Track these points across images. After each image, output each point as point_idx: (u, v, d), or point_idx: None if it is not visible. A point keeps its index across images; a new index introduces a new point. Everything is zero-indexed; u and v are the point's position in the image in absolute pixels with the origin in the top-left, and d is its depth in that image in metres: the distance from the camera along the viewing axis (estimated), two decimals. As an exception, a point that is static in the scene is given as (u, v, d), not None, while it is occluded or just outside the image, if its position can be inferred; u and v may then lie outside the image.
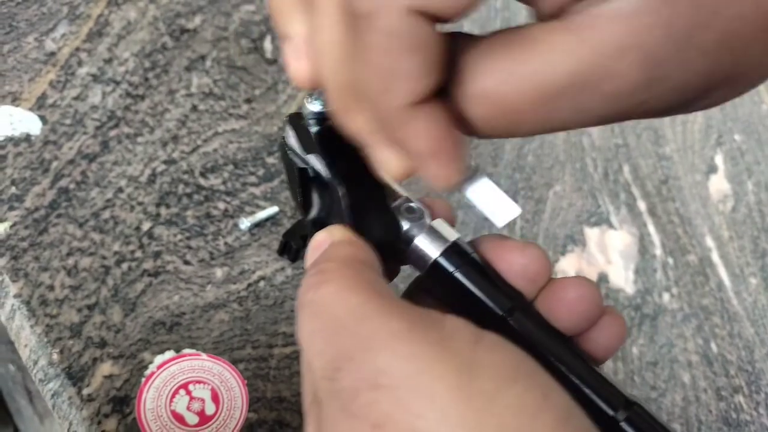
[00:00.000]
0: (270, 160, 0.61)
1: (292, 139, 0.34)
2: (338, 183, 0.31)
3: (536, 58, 0.25)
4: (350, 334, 0.25)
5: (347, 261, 0.29)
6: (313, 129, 0.33)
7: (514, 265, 0.31)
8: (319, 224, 0.33)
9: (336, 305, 0.26)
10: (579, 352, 0.31)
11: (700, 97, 0.26)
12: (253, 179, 0.59)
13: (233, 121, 0.62)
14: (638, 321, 0.71)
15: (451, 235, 0.32)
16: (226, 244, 0.55)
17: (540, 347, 0.30)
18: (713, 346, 0.73)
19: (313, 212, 0.34)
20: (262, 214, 0.57)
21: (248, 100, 0.63)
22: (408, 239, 0.32)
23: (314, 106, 0.33)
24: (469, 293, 0.31)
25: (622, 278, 0.73)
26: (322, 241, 0.31)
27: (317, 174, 0.34)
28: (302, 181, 0.34)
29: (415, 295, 0.35)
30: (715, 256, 0.81)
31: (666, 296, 0.74)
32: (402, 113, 0.26)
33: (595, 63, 0.24)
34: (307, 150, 0.33)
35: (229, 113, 0.62)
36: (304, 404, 0.28)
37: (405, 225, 0.32)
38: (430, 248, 0.32)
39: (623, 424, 0.29)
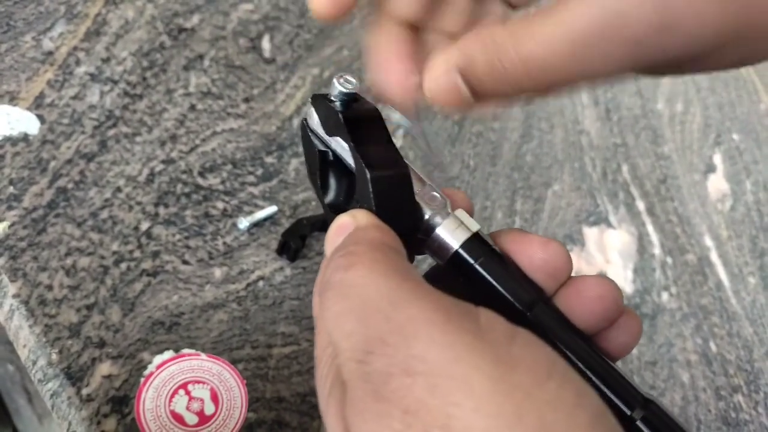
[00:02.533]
0: (269, 159, 0.61)
1: (315, 121, 0.33)
2: (366, 166, 0.31)
3: (566, 13, 0.28)
4: (384, 317, 0.25)
5: (376, 245, 0.28)
6: (340, 109, 0.32)
7: (534, 260, 0.31)
8: (336, 209, 0.33)
9: (368, 288, 0.26)
10: (597, 349, 0.31)
11: (715, 51, 0.28)
12: (251, 179, 0.59)
13: (231, 121, 0.61)
14: (637, 320, 0.71)
15: (473, 225, 0.32)
16: (224, 243, 0.55)
17: (559, 343, 0.30)
18: (712, 345, 0.73)
19: (330, 196, 0.34)
20: (260, 214, 0.57)
21: (246, 100, 0.63)
22: (429, 228, 0.32)
23: (343, 86, 0.32)
24: (490, 285, 0.31)
25: (621, 277, 0.73)
26: (345, 224, 0.30)
27: (337, 158, 0.33)
28: (322, 165, 0.33)
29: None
30: (714, 256, 0.81)
31: (665, 295, 0.74)
32: None
33: (615, 10, 0.27)
34: (332, 132, 0.33)
35: (228, 113, 0.62)
36: (320, 386, 0.28)
37: (427, 213, 0.32)
38: (451, 238, 0.31)
39: (639, 423, 0.29)
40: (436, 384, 0.23)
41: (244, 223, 0.56)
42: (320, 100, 0.33)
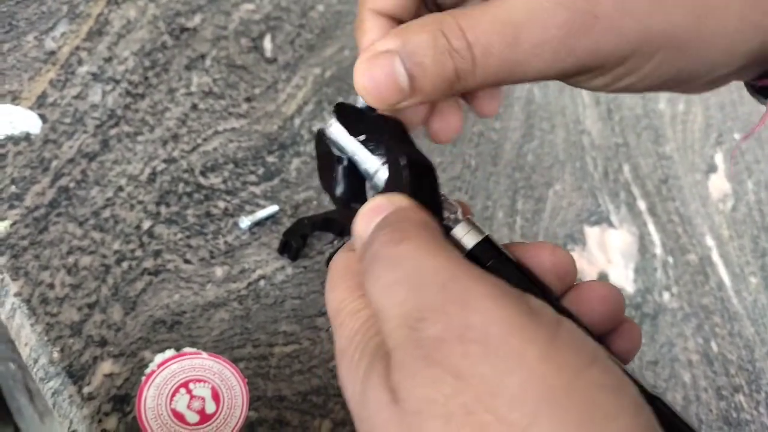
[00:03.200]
0: (270, 158, 0.61)
1: (333, 130, 0.35)
2: (399, 155, 0.32)
3: (501, 7, 0.30)
4: (439, 287, 0.26)
5: (422, 223, 0.29)
6: (364, 110, 0.34)
7: (544, 262, 0.33)
8: (349, 211, 0.34)
9: (421, 260, 0.27)
10: (607, 347, 0.32)
11: (618, 66, 0.31)
12: (253, 178, 0.59)
13: (233, 120, 0.62)
14: (638, 320, 0.71)
15: (484, 230, 0.33)
16: (226, 242, 0.55)
17: None
18: (713, 345, 0.73)
19: (343, 196, 0.35)
20: (262, 213, 0.57)
21: (248, 99, 0.63)
22: (445, 230, 0.33)
23: None
24: None
25: (622, 277, 0.73)
26: (381, 204, 0.31)
27: (351, 164, 0.34)
28: (336, 170, 0.35)
29: None
30: (715, 256, 0.81)
31: (666, 295, 0.74)
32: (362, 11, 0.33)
33: (529, 10, 0.30)
34: (357, 133, 0.34)
35: (229, 112, 0.62)
36: (354, 364, 0.28)
37: (444, 214, 0.33)
38: (464, 240, 0.33)
39: None
40: (490, 353, 0.24)
41: (245, 222, 0.56)
42: (344, 106, 0.35)
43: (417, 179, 0.32)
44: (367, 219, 0.31)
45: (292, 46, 0.69)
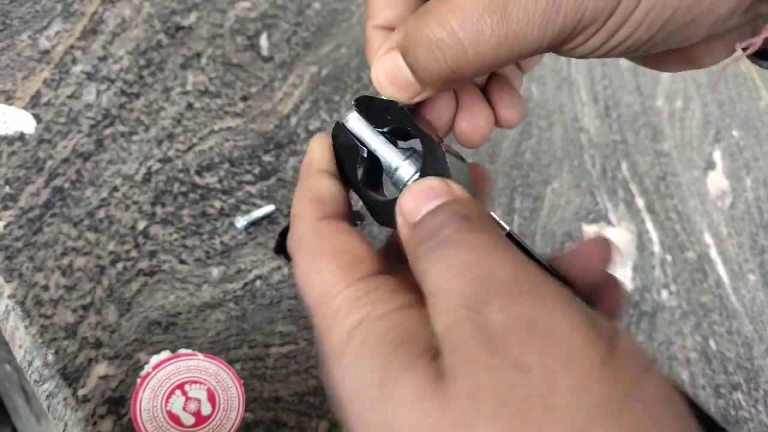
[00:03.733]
0: (266, 158, 0.61)
1: (352, 122, 0.34)
2: (436, 140, 0.32)
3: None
4: (510, 279, 0.25)
5: (489, 218, 0.29)
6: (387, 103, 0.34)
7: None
8: (371, 202, 0.34)
9: (495, 251, 0.27)
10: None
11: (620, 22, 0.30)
12: (249, 177, 0.59)
13: (229, 119, 0.61)
14: (636, 318, 0.71)
15: (505, 226, 0.33)
16: (222, 243, 0.55)
17: None
18: (712, 343, 0.73)
19: (365, 187, 0.35)
20: (258, 213, 0.57)
21: (244, 98, 0.63)
22: None
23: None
24: None
25: (621, 275, 0.73)
26: (437, 187, 0.30)
27: (371, 155, 0.34)
28: (355, 163, 0.35)
29: None
30: (714, 253, 0.81)
31: (664, 293, 0.74)
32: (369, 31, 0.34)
33: None
34: (383, 125, 0.34)
35: (225, 111, 0.62)
36: (356, 358, 0.26)
37: None
38: None
39: None
40: (554, 350, 0.23)
41: (241, 222, 0.56)
42: (368, 99, 0.34)
43: (455, 165, 0.32)
44: (421, 199, 0.30)
45: (289, 44, 0.69)
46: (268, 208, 0.57)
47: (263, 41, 0.68)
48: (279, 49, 0.68)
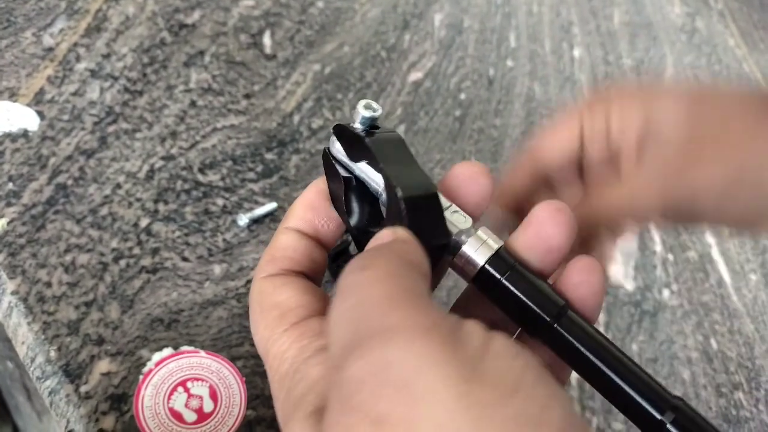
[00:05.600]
0: (269, 156, 0.61)
1: (337, 149, 0.34)
2: (398, 187, 0.31)
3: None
4: (372, 322, 0.24)
5: (395, 253, 0.28)
6: (364, 134, 0.33)
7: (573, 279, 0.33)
8: (362, 232, 0.33)
9: (370, 290, 0.26)
10: (625, 355, 0.31)
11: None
12: (251, 175, 0.59)
13: (232, 117, 0.61)
14: (638, 317, 0.71)
15: (496, 243, 0.32)
16: (224, 240, 0.55)
17: (586, 351, 0.31)
18: (713, 342, 0.73)
19: (355, 219, 0.34)
20: (260, 211, 0.57)
21: (247, 96, 0.63)
22: (456, 246, 0.32)
23: (368, 112, 0.33)
24: (517, 299, 0.31)
25: (622, 275, 0.73)
26: (384, 236, 0.30)
27: (360, 183, 0.34)
28: (346, 191, 0.34)
29: (470, 301, 0.35)
30: (715, 253, 0.81)
31: (666, 293, 0.74)
32: None
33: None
34: (357, 158, 0.34)
35: (228, 109, 0.62)
36: (281, 410, 0.27)
37: (453, 231, 0.32)
38: (476, 255, 0.32)
39: (670, 427, 0.29)
40: (405, 394, 0.23)
41: (243, 219, 0.56)
42: (343, 129, 0.34)
43: (416, 210, 0.31)
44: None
45: (292, 42, 0.69)
46: (271, 205, 0.57)
47: (266, 39, 0.68)
48: (282, 48, 0.68)
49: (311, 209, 0.34)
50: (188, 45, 0.63)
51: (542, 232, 0.32)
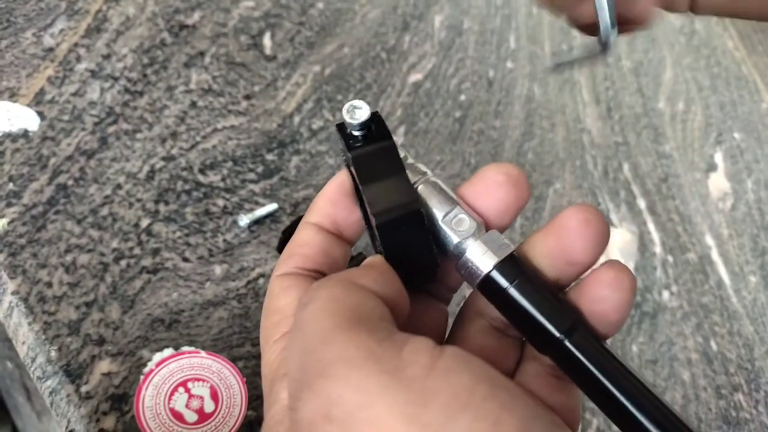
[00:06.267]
0: (269, 156, 0.61)
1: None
2: (373, 213, 0.30)
3: None
4: (315, 359, 0.24)
5: (343, 278, 0.27)
6: (347, 146, 0.32)
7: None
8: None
9: (313, 326, 0.25)
10: (637, 375, 0.29)
11: None
12: (252, 176, 0.59)
13: (232, 118, 0.61)
14: (638, 319, 0.71)
15: (502, 249, 0.30)
16: (225, 241, 0.55)
17: (597, 371, 0.28)
18: (713, 344, 0.73)
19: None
20: (261, 211, 0.57)
21: (247, 97, 0.63)
22: (459, 254, 0.31)
23: (352, 117, 0.31)
24: (524, 311, 0.29)
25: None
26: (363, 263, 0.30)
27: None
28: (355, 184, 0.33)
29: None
30: (715, 254, 0.81)
31: (666, 294, 0.74)
32: None
33: None
34: (347, 166, 0.33)
35: (229, 110, 0.62)
36: None
37: (455, 239, 0.31)
38: (479, 264, 0.30)
39: None
40: (351, 429, 0.22)
41: (244, 220, 0.56)
42: (342, 129, 0.33)
43: (393, 235, 0.30)
44: None
45: (292, 43, 0.69)
46: (271, 206, 0.57)
47: (267, 40, 0.68)
48: (282, 49, 0.68)
49: (331, 203, 0.33)
50: (188, 46, 0.63)
51: (566, 244, 0.30)
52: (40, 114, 0.54)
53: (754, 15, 0.39)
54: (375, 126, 0.32)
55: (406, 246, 0.30)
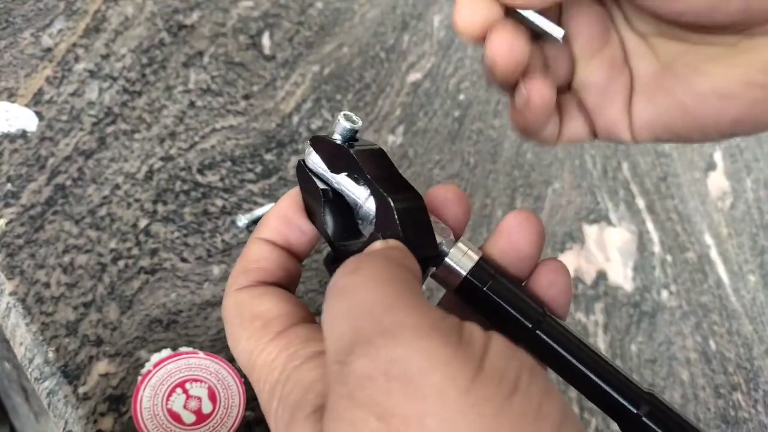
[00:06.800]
0: (268, 156, 0.61)
1: (312, 161, 0.34)
2: (391, 199, 0.32)
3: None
4: (373, 321, 0.25)
5: (387, 257, 0.29)
6: (346, 146, 0.34)
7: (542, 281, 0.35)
8: (340, 243, 0.34)
9: (367, 291, 0.26)
10: (600, 354, 0.33)
11: None
12: (250, 176, 0.59)
13: (231, 118, 0.61)
14: (637, 318, 0.71)
15: (476, 253, 0.33)
16: (223, 241, 0.55)
17: (565, 353, 0.32)
18: (712, 343, 0.73)
19: (333, 231, 0.34)
20: (259, 211, 0.57)
21: (246, 97, 0.63)
22: (440, 257, 0.33)
23: (349, 123, 0.33)
24: (500, 307, 0.33)
25: (621, 275, 0.73)
26: (376, 245, 0.31)
27: (337, 194, 0.34)
28: (324, 202, 0.34)
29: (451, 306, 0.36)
30: (714, 254, 0.81)
31: (665, 293, 0.74)
32: None
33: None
34: (339, 170, 0.34)
35: (227, 109, 0.62)
36: (275, 419, 0.28)
37: (438, 242, 0.33)
38: (460, 266, 0.33)
39: (645, 420, 0.31)
40: (412, 391, 0.23)
41: (243, 220, 0.56)
42: (321, 141, 0.34)
43: (408, 220, 0.32)
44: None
45: (291, 43, 0.69)
46: (270, 206, 0.57)
47: (265, 40, 0.68)
48: (281, 48, 0.68)
49: (284, 221, 0.35)
50: (187, 46, 0.63)
51: (515, 240, 0.34)
52: (39, 114, 0.54)
53: (696, 138, 0.39)
54: (359, 141, 0.34)
55: (416, 236, 0.32)
